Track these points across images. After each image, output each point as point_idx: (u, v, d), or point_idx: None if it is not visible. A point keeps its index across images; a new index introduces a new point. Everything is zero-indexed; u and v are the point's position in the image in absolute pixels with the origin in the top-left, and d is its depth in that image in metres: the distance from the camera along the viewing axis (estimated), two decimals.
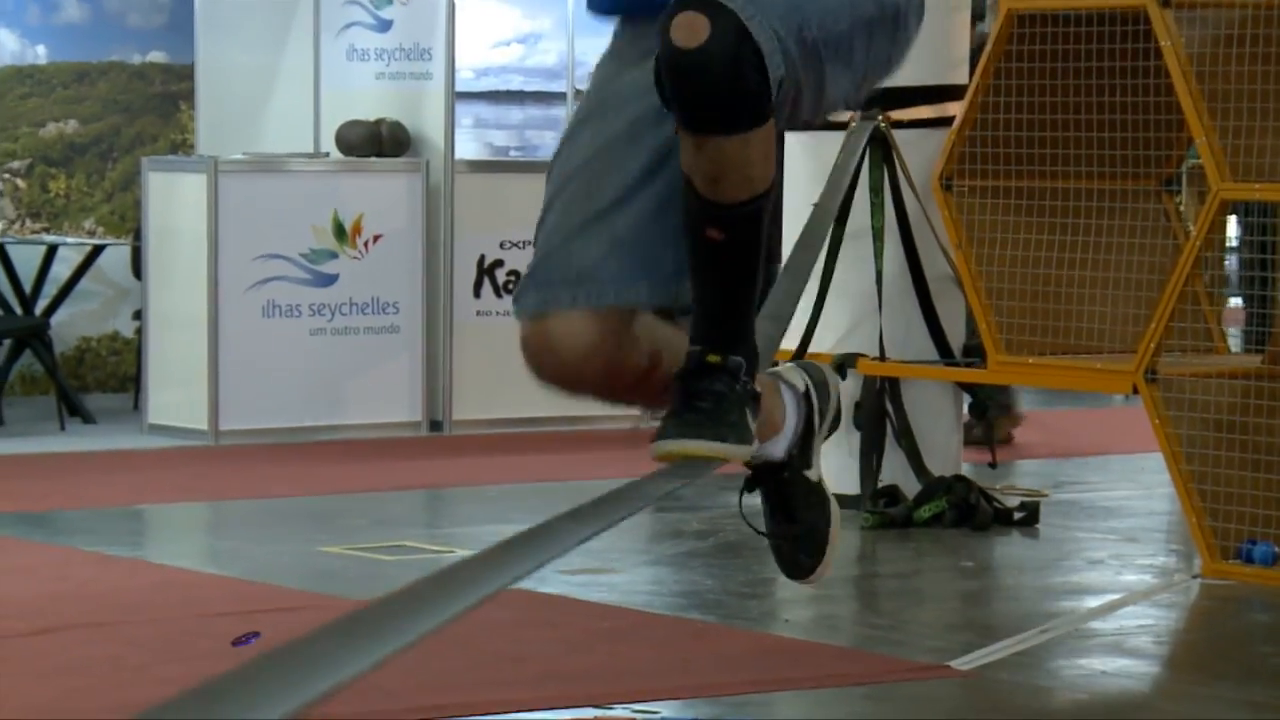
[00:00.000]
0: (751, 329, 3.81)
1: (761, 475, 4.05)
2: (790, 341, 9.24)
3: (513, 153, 14.38)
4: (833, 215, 8.90)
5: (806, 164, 9.82)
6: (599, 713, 6.57)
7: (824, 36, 3.66)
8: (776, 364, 4.21)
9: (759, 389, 3.78)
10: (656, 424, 3.78)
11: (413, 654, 2.61)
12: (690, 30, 3.44)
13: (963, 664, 7.25)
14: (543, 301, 3.79)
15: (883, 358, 9.88)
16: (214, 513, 10.35)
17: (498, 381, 12.48)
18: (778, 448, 4.01)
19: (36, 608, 7.90)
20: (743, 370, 3.72)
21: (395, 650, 2.63)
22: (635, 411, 4.01)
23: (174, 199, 12.29)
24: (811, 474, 4.09)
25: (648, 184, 3.84)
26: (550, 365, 3.83)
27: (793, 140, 9.89)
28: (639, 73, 3.78)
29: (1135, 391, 8.95)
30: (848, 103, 3.92)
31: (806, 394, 4.07)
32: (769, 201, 3.74)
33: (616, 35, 3.99)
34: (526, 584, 8.23)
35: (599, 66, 4.01)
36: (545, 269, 3.82)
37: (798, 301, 4.58)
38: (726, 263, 3.72)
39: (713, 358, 3.72)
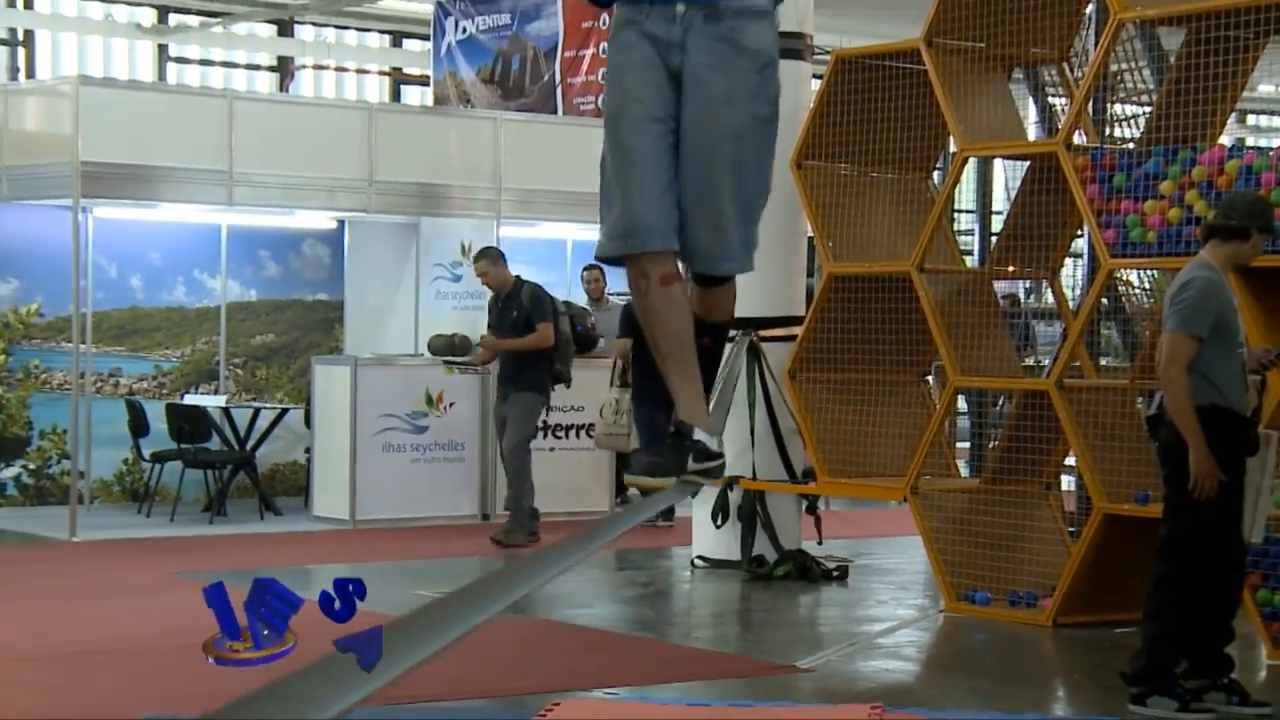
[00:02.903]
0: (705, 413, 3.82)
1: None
2: None
3: None
4: (731, 392, 8.92)
5: None
6: (583, 694, 6.52)
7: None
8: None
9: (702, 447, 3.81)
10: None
11: (443, 659, 2.37)
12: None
13: (803, 664, 7.25)
14: (619, 247, 3.65)
15: (755, 478, 9.87)
16: (352, 570, 10.15)
17: None
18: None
19: None
20: (691, 434, 3.78)
21: (478, 622, 2.32)
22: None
23: (331, 381, 12.26)
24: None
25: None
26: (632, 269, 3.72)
27: None
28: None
29: (905, 499, 9.00)
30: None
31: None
32: (727, 333, 3.93)
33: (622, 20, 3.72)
34: (534, 611, 8.19)
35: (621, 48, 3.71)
36: (618, 226, 3.65)
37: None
38: (707, 360, 3.81)
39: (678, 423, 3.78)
